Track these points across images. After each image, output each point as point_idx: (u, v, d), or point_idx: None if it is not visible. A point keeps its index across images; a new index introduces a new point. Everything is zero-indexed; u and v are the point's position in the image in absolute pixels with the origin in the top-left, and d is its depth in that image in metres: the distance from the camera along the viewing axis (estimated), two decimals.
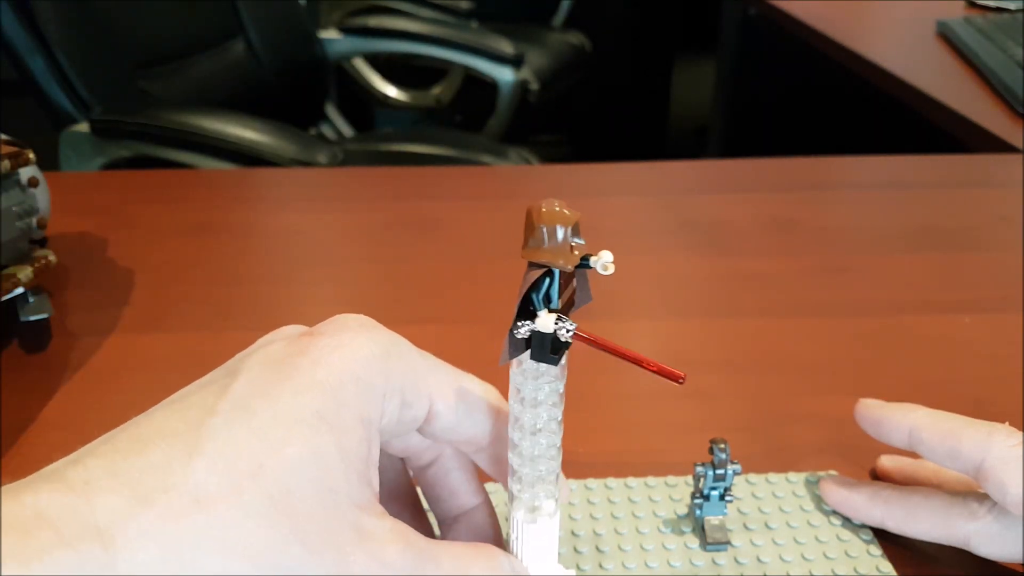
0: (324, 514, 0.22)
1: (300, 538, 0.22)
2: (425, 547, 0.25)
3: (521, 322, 0.24)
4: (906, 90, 0.98)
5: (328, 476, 0.23)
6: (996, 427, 0.34)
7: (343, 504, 0.23)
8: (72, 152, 1.19)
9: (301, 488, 0.22)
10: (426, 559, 0.25)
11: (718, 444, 0.36)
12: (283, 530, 0.22)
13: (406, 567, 0.24)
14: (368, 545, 0.23)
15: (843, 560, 0.36)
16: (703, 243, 0.65)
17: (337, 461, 0.23)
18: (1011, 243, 0.64)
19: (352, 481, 0.23)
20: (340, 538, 0.22)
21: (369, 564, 0.23)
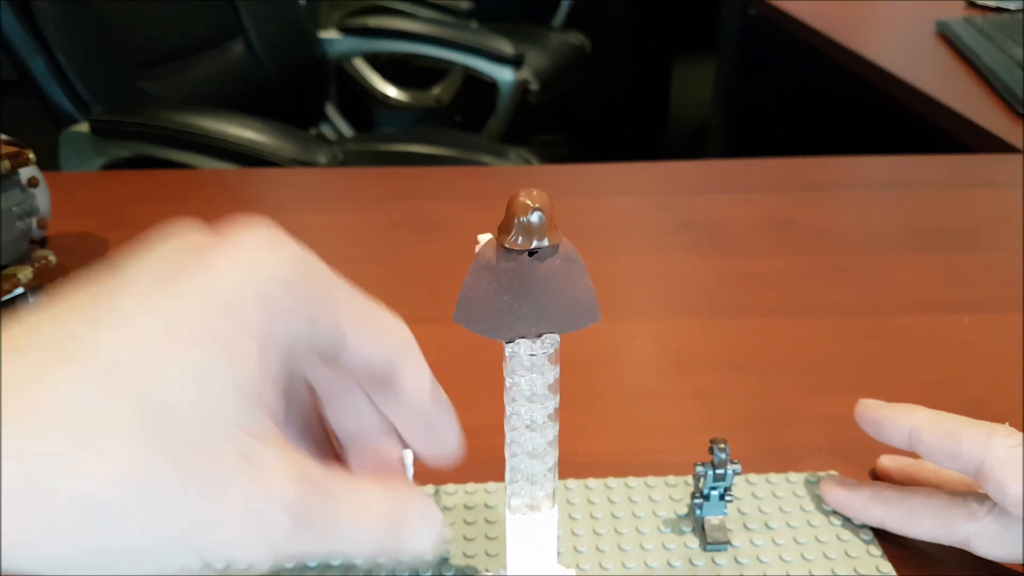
0: (204, 438, 0.20)
1: (174, 462, 0.19)
2: (320, 479, 0.22)
3: None
4: (906, 90, 0.98)
5: (213, 398, 0.20)
6: (996, 428, 0.34)
7: (229, 429, 0.20)
8: (72, 152, 1.19)
9: (180, 409, 0.20)
10: (319, 492, 0.22)
11: (718, 444, 0.36)
12: (155, 452, 0.19)
13: (296, 500, 0.21)
14: (253, 474, 0.21)
15: (843, 560, 0.36)
16: (703, 243, 0.65)
17: (225, 383, 0.21)
18: (1011, 243, 0.64)
19: (242, 405, 0.21)
20: (221, 465, 0.20)
21: (252, 494, 0.21)
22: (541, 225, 0.24)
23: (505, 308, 0.24)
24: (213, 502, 0.20)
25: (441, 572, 0.36)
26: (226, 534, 0.20)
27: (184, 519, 0.20)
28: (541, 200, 0.24)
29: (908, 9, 1.31)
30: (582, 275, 0.25)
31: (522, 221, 0.24)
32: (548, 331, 0.25)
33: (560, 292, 0.25)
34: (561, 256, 0.24)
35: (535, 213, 0.24)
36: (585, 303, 0.25)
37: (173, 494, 0.19)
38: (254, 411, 0.21)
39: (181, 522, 0.20)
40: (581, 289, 0.25)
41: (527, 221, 0.24)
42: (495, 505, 0.39)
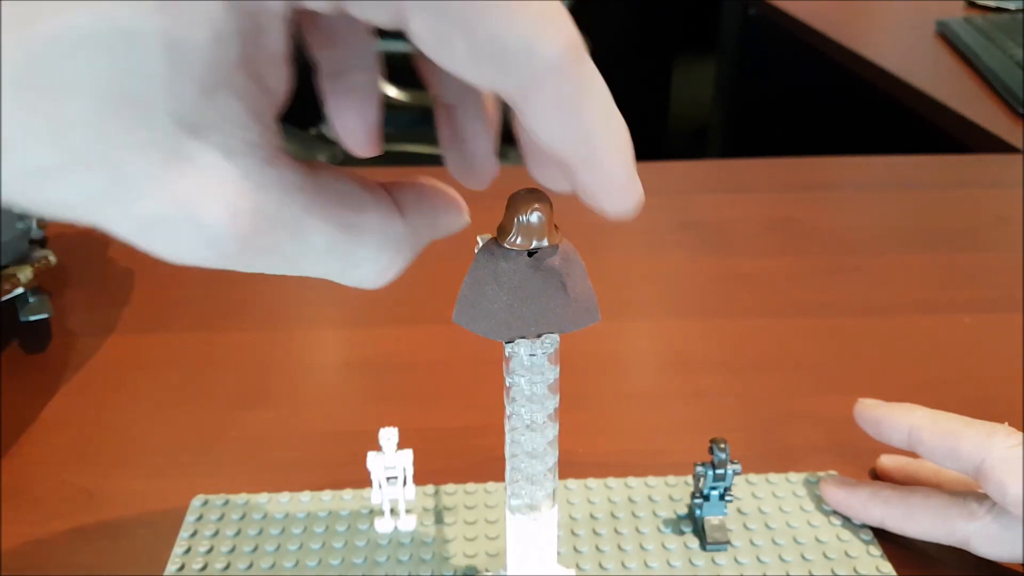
0: (106, 121, 0.15)
1: (69, 154, 0.15)
2: (267, 208, 0.17)
3: None
4: (906, 90, 0.98)
5: (132, 75, 0.14)
6: (996, 427, 0.34)
7: (155, 116, 0.15)
8: None
9: (85, 80, 0.14)
10: (258, 224, 0.17)
11: (718, 444, 0.36)
12: (41, 133, 0.14)
13: (223, 232, 0.16)
14: (174, 182, 0.15)
15: (843, 560, 0.37)
16: (703, 243, 0.65)
17: (157, 55, 0.14)
18: (1011, 243, 0.64)
19: (179, 86, 0.15)
20: (131, 165, 0.15)
21: (164, 209, 0.16)
22: (541, 225, 0.24)
23: (504, 308, 0.24)
24: (124, 203, 0.15)
25: (441, 572, 0.36)
26: (136, 238, 0.16)
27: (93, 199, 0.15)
28: (541, 200, 0.24)
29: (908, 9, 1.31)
30: (582, 275, 0.25)
31: (522, 221, 0.24)
32: (548, 331, 0.25)
33: (560, 292, 0.25)
34: (561, 256, 0.24)
35: (534, 213, 0.24)
36: (585, 303, 0.25)
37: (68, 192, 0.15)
38: (195, 93, 0.15)
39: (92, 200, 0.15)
40: (581, 289, 0.25)
41: (527, 221, 0.24)
42: (495, 505, 0.39)
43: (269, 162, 0.17)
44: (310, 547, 0.37)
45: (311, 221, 0.18)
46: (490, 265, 0.24)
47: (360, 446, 0.38)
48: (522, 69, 0.17)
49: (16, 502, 0.40)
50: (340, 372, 0.51)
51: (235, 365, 0.51)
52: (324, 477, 0.42)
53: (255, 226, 0.17)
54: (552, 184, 0.23)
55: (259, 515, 0.39)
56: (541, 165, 0.23)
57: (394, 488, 0.37)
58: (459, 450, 0.43)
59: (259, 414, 0.46)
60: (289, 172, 0.17)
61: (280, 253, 0.17)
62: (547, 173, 0.23)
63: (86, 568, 0.37)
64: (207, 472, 0.42)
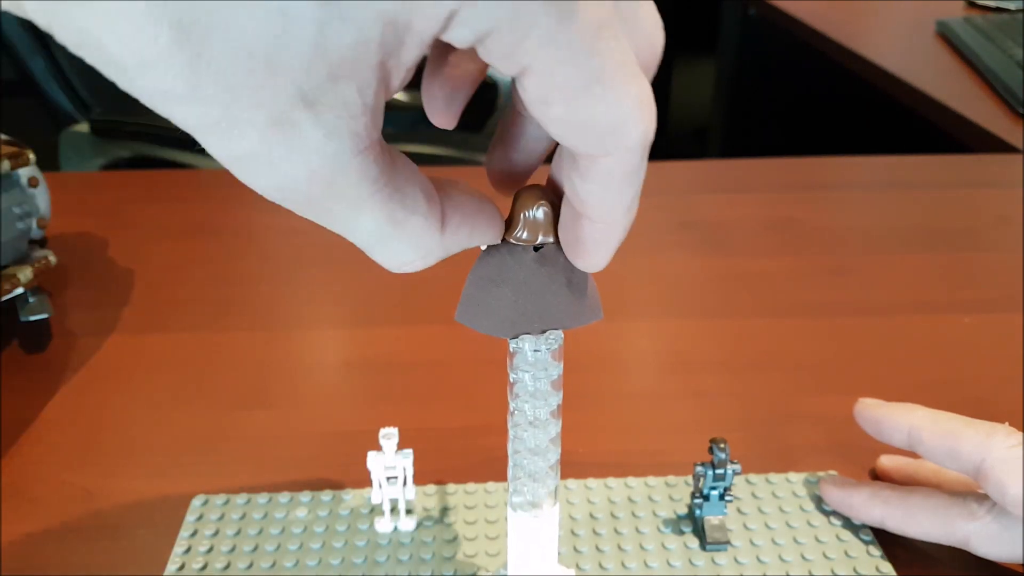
0: (237, 72, 0.16)
1: (196, 89, 0.16)
2: (345, 188, 0.19)
3: None
4: (906, 90, 0.98)
5: (276, 44, 0.16)
6: (996, 427, 0.34)
7: (281, 82, 0.17)
8: (72, 152, 1.19)
9: (235, 34, 0.16)
10: (326, 193, 0.19)
11: (718, 444, 0.36)
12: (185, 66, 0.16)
13: (297, 193, 0.18)
14: (269, 137, 0.17)
15: (843, 560, 0.37)
16: (703, 243, 0.65)
17: (304, 38, 0.16)
18: (1011, 243, 0.64)
19: (312, 67, 0.17)
20: (243, 112, 0.17)
21: (256, 160, 0.18)
22: (546, 221, 0.24)
23: (509, 305, 0.24)
24: (225, 138, 0.17)
25: (441, 572, 0.36)
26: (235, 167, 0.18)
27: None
28: (547, 196, 0.24)
29: (908, 9, 1.31)
30: (585, 273, 0.25)
31: (528, 216, 0.24)
32: (551, 327, 0.25)
33: (564, 289, 0.25)
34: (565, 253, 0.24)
35: (541, 208, 0.24)
36: (589, 300, 0.26)
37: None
38: (321, 79, 0.17)
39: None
40: (585, 286, 0.25)
41: (533, 216, 0.24)
42: (495, 505, 0.39)
43: (360, 151, 0.18)
44: (310, 547, 0.37)
45: (369, 205, 0.19)
46: (495, 261, 0.24)
47: (360, 446, 0.38)
48: (604, 143, 0.19)
49: (16, 502, 0.40)
50: (340, 372, 0.51)
51: (235, 365, 0.51)
52: (324, 477, 0.42)
53: (322, 193, 0.19)
54: (500, 164, 0.25)
55: (259, 515, 0.39)
56: (514, 152, 0.25)
57: (394, 488, 0.37)
58: (459, 450, 0.43)
59: (259, 414, 0.46)
60: (372, 164, 0.19)
61: (332, 218, 0.20)
62: (509, 157, 0.25)
63: (86, 568, 0.37)
64: (207, 472, 0.42)
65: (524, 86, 0.18)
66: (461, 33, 0.17)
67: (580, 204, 0.22)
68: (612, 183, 0.20)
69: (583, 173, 0.20)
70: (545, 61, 0.18)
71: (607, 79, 0.18)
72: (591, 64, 0.18)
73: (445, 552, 0.37)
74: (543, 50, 0.17)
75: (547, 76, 0.18)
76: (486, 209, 0.23)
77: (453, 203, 0.22)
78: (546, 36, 0.17)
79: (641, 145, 0.19)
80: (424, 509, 0.39)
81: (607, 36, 0.18)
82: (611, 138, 0.19)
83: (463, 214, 0.22)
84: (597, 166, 0.20)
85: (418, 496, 0.40)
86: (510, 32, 0.17)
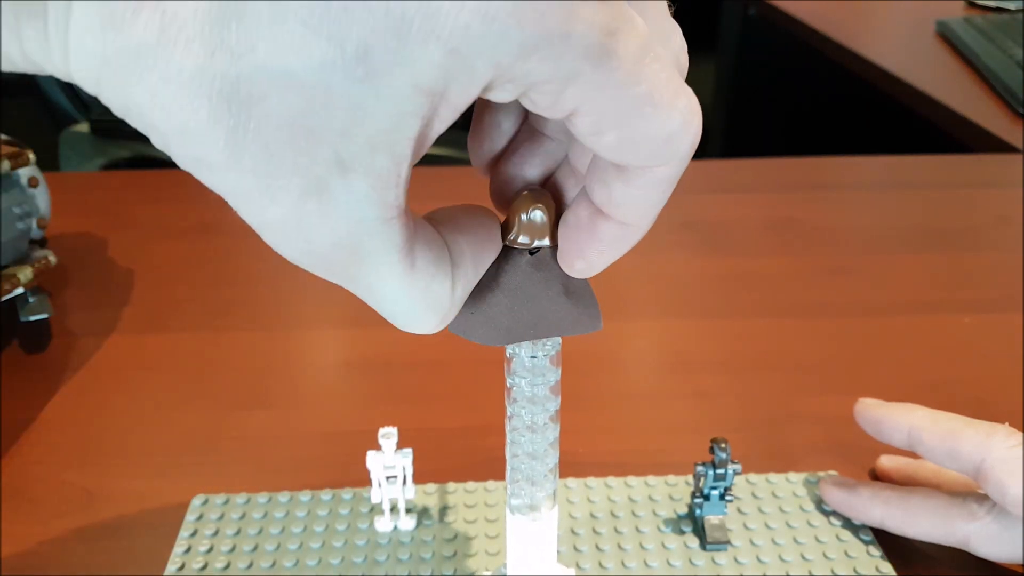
0: (275, 142, 0.17)
1: (234, 159, 0.17)
2: (368, 253, 0.19)
3: None
4: (906, 90, 0.98)
5: (315, 116, 0.16)
6: (996, 427, 0.34)
7: (319, 150, 0.17)
8: (72, 152, 1.19)
9: (275, 107, 0.16)
10: (351, 259, 0.19)
11: (719, 443, 0.36)
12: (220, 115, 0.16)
13: (324, 258, 0.19)
14: (300, 204, 0.18)
15: (843, 560, 0.37)
16: (703, 243, 0.65)
17: (342, 109, 0.16)
18: (1011, 243, 0.64)
19: (350, 136, 0.17)
20: (279, 179, 0.17)
21: (282, 228, 0.18)
22: (543, 224, 0.24)
23: (505, 312, 0.24)
24: (258, 207, 0.18)
25: (441, 571, 0.36)
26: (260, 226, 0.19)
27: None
28: (544, 199, 0.24)
29: (908, 9, 1.31)
30: (583, 280, 0.25)
31: (524, 219, 0.24)
32: (547, 335, 0.25)
33: (560, 295, 0.24)
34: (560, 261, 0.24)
35: (537, 211, 0.23)
36: (587, 307, 0.25)
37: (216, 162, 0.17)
38: (358, 147, 0.17)
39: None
40: (583, 293, 0.25)
41: (529, 219, 0.24)
42: (495, 504, 0.39)
43: (388, 220, 0.18)
44: (310, 546, 0.37)
45: (391, 273, 0.20)
46: (490, 267, 0.24)
47: (360, 446, 0.38)
48: (657, 156, 0.19)
49: (16, 502, 0.40)
50: (340, 372, 0.51)
51: (235, 365, 0.51)
52: (324, 477, 0.42)
53: (347, 259, 0.19)
54: (511, 181, 0.25)
55: (259, 514, 0.39)
56: (522, 158, 0.24)
57: (394, 487, 0.37)
58: (459, 450, 0.43)
59: (259, 414, 0.46)
60: (397, 233, 0.19)
61: (355, 283, 0.20)
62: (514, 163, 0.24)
63: (86, 568, 0.37)
64: (207, 472, 0.42)
65: (574, 124, 0.19)
66: (502, 93, 0.18)
67: (614, 208, 0.21)
68: (656, 188, 0.21)
69: (628, 180, 0.20)
70: (593, 102, 0.18)
71: (656, 99, 0.18)
72: (639, 91, 0.18)
73: (445, 551, 0.37)
74: (588, 93, 0.18)
75: (597, 114, 0.18)
76: (484, 242, 0.23)
77: (457, 254, 0.22)
78: (589, 80, 0.17)
79: (692, 151, 0.20)
80: (424, 509, 0.39)
81: (649, 60, 0.18)
82: (665, 150, 0.19)
83: (467, 263, 0.22)
84: (646, 174, 0.20)
85: (418, 495, 0.40)
86: (551, 86, 0.17)
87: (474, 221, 0.23)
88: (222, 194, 0.18)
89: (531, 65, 0.17)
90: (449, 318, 0.22)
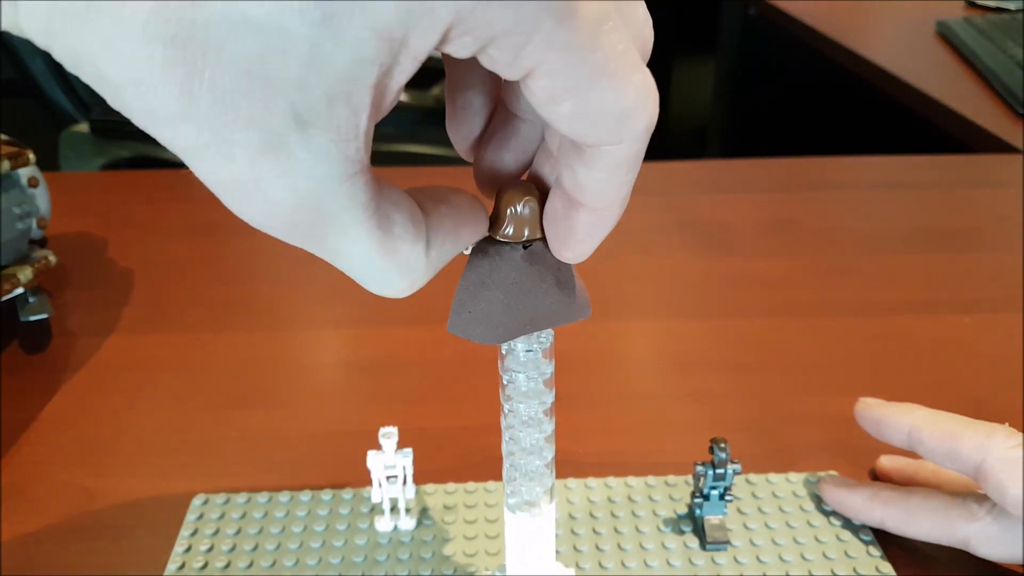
0: (231, 92, 0.16)
1: (188, 109, 0.16)
2: (332, 209, 0.18)
3: None
4: (906, 90, 0.98)
5: (271, 63, 0.16)
6: (995, 428, 0.34)
7: (275, 101, 0.16)
8: (72, 152, 1.19)
9: (230, 54, 0.16)
10: (314, 220, 0.18)
11: (718, 443, 0.36)
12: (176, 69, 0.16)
13: (286, 221, 0.18)
14: (259, 160, 0.17)
15: (843, 560, 0.37)
16: (703, 243, 0.65)
17: (300, 55, 0.16)
18: (1011, 243, 0.64)
19: (307, 86, 0.16)
20: (235, 134, 0.17)
21: (242, 189, 0.18)
22: (532, 216, 0.24)
23: (501, 309, 0.24)
24: (215, 162, 0.17)
25: (441, 571, 0.36)
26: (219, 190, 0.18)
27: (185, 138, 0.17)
28: (531, 192, 0.24)
29: (908, 9, 1.31)
30: (572, 270, 0.25)
31: (513, 212, 0.24)
32: (543, 327, 0.25)
33: (553, 287, 0.25)
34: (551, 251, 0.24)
35: (526, 205, 0.24)
36: (578, 298, 0.25)
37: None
38: (315, 99, 0.17)
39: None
40: (573, 284, 0.25)
41: (518, 212, 0.24)
42: (495, 504, 0.39)
43: (350, 177, 0.18)
44: (310, 546, 0.37)
45: (356, 233, 0.19)
46: (484, 264, 0.24)
47: (360, 446, 0.38)
48: (613, 132, 0.19)
49: (16, 502, 0.40)
50: (340, 372, 0.51)
51: (235, 365, 0.51)
52: (324, 476, 0.42)
53: (310, 220, 0.18)
54: (491, 166, 0.25)
55: (259, 514, 0.39)
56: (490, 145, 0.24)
57: (394, 487, 0.37)
58: (459, 450, 0.43)
59: (259, 414, 0.46)
60: (361, 191, 0.19)
61: (320, 246, 0.19)
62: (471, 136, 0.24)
63: (86, 568, 0.37)
64: (207, 472, 0.42)
65: (530, 88, 0.19)
66: (461, 45, 0.17)
67: (581, 193, 0.22)
68: (617, 170, 0.21)
69: (588, 162, 0.20)
70: (550, 62, 0.18)
71: (612, 70, 0.18)
72: (595, 58, 0.18)
73: (445, 551, 0.37)
74: (547, 52, 0.17)
75: (553, 76, 0.18)
76: (467, 217, 0.23)
77: (436, 221, 0.22)
78: (548, 38, 0.17)
79: (647, 131, 0.20)
80: (424, 508, 0.39)
81: (607, 29, 0.18)
82: (620, 126, 0.19)
83: (445, 231, 0.22)
84: (603, 154, 0.20)
85: (418, 495, 0.40)
86: (511, 39, 0.17)
87: (459, 198, 0.23)
88: (178, 151, 0.18)
89: (493, 13, 0.17)
90: (420, 282, 0.21)
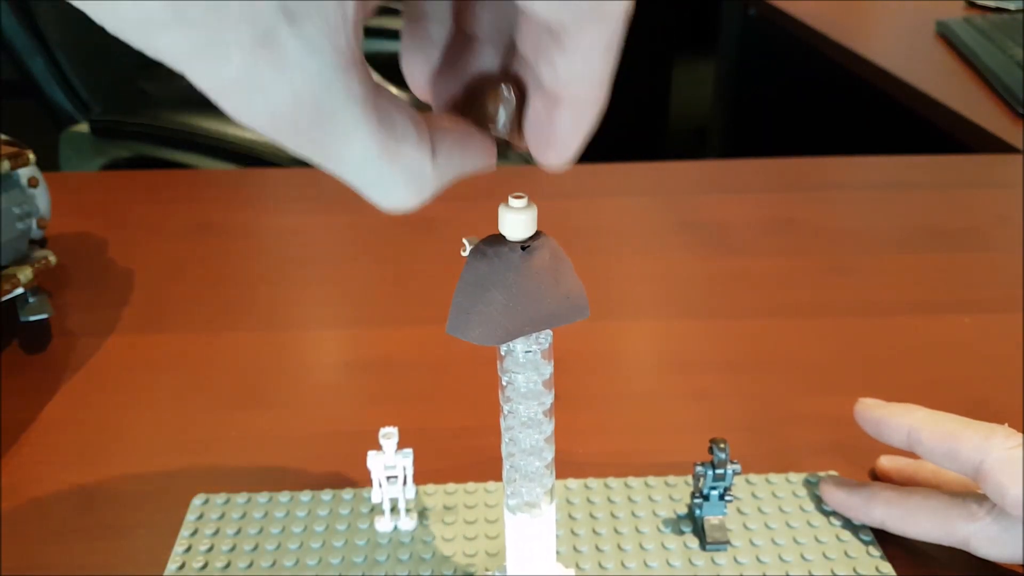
0: None
1: (180, 12, 0.17)
2: (334, 101, 0.19)
3: None
4: (906, 90, 0.98)
5: None
6: (995, 428, 0.34)
7: None
8: (72, 152, 1.19)
9: None
10: (317, 117, 0.19)
11: (718, 444, 0.36)
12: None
13: (286, 122, 0.19)
14: (254, 56, 0.18)
15: (843, 560, 0.37)
16: (703, 243, 0.65)
17: None
18: (1011, 243, 0.64)
19: None
20: (228, 32, 0.17)
21: (245, 78, 0.18)
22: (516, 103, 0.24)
23: (500, 310, 0.24)
24: (213, 63, 0.18)
25: (441, 571, 0.36)
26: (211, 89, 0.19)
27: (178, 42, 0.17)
28: (507, 81, 0.24)
29: (908, 9, 1.31)
30: (570, 270, 0.25)
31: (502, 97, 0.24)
32: (541, 328, 0.25)
33: (552, 288, 0.25)
34: (550, 251, 0.24)
35: (511, 92, 0.23)
36: (576, 298, 0.26)
37: None
38: None
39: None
40: (571, 284, 0.25)
41: (505, 96, 0.24)
42: (495, 504, 0.39)
43: (344, 69, 0.18)
44: (310, 546, 0.37)
45: (357, 131, 0.19)
46: (483, 266, 0.24)
47: (360, 446, 0.38)
48: (586, 14, 0.19)
49: (16, 502, 0.40)
50: (340, 372, 0.51)
51: (235, 365, 0.51)
52: (324, 476, 0.42)
53: (311, 118, 0.18)
54: (447, 92, 0.24)
55: (260, 514, 0.39)
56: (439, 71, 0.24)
57: (394, 487, 0.37)
58: (459, 450, 0.43)
59: (259, 414, 0.46)
60: (357, 84, 0.19)
61: (323, 148, 0.19)
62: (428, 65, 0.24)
63: (86, 568, 0.37)
64: (207, 472, 0.42)
65: None
66: None
67: (559, 84, 0.21)
68: (595, 56, 0.20)
69: (567, 49, 0.20)
70: None
71: None
72: None
73: (445, 552, 0.37)
74: None
75: None
76: (475, 134, 0.23)
77: (442, 129, 0.22)
78: None
79: (622, 14, 0.20)
80: (424, 508, 0.39)
81: None
82: (594, 8, 0.19)
83: (453, 138, 0.22)
84: (581, 39, 0.20)
85: (418, 496, 0.40)
86: None
87: (465, 120, 0.23)
88: (176, 60, 0.18)
89: None
90: (427, 192, 0.21)
